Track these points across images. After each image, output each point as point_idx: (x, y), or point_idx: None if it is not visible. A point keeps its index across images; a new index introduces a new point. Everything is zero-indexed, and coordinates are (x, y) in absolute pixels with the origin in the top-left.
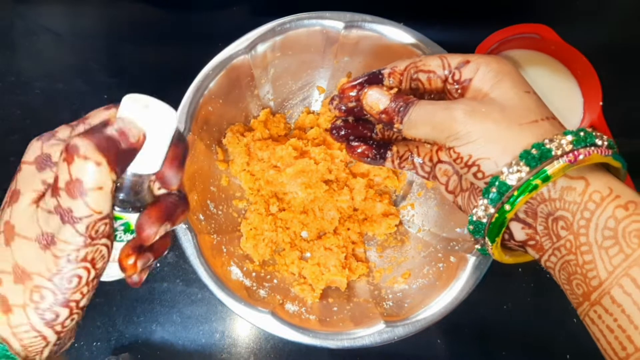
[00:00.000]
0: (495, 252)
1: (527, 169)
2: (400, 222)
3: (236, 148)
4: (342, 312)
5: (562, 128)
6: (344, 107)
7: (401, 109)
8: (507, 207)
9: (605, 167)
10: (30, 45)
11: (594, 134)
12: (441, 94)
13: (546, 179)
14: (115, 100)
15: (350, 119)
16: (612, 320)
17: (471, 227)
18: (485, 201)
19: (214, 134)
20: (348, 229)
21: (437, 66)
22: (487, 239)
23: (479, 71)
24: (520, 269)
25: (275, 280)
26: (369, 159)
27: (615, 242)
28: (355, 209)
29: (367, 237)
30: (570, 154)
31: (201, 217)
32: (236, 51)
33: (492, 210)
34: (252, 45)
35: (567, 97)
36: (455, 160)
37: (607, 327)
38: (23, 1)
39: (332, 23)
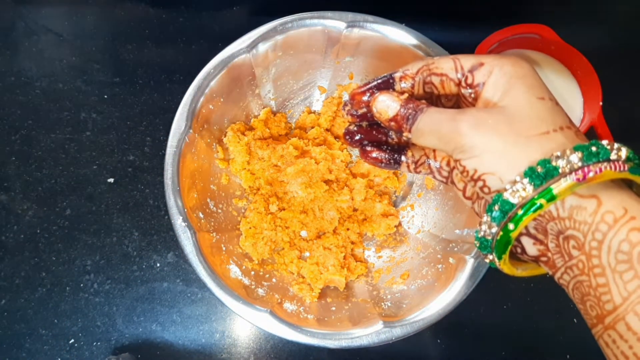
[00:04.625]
0: (505, 268)
1: (532, 187)
2: (400, 223)
3: (237, 147)
4: (341, 312)
5: (577, 140)
6: (355, 113)
7: (410, 116)
8: (510, 226)
9: (627, 183)
10: (31, 46)
11: (608, 147)
12: (457, 97)
13: (552, 198)
14: (115, 99)
15: (364, 123)
16: (627, 347)
17: (477, 243)
18: (489, 218)
19: (214, 132)
20: (347, 229)
21: (450, 69)
22: (494, 254)
23: (492, 75)
24: None
25: (274, 279)
26: (383, 164)
27: (629, 267)
28: (355, 209)
29: (367, 237)
30: (579, 172)
31: (201, 215)
32: (238, 50)
33: (495, 228)
34: (253, 44)
35: (567, 97)
36: (462, 172)
37: (622, 353)
38: (24, 2)
39: (334, 23)
